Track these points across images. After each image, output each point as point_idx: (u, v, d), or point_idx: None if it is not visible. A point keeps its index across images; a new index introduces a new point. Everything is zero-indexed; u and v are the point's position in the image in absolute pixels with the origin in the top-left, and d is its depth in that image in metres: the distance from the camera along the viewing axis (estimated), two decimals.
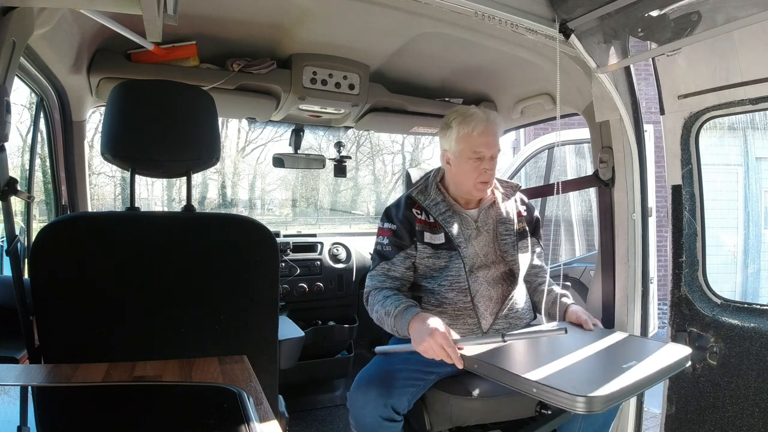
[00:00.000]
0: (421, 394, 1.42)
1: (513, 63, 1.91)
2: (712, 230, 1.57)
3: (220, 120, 1.50)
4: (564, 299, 1.57)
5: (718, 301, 1.49)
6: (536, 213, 1.75)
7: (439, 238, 1.55)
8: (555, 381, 1.08)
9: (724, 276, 5.03)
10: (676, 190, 1.54)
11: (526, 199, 1.74)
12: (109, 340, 1.05)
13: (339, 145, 2.48)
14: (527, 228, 1.65)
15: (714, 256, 1.66)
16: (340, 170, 2.50)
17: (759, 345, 1.36)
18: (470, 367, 1.24)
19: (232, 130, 6.21)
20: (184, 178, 1.19)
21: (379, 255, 1.57)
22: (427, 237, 1.55)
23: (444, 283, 1.52)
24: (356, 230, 3.40)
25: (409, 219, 1.56)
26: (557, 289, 1.60)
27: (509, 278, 1.57)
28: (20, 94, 1.86)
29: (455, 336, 1.30)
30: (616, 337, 1.40)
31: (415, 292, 1.59)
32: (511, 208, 1.64)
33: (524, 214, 1.67)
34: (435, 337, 1.25)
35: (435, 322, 1.30)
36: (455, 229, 1.55)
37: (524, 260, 1.60)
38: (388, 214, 1.61)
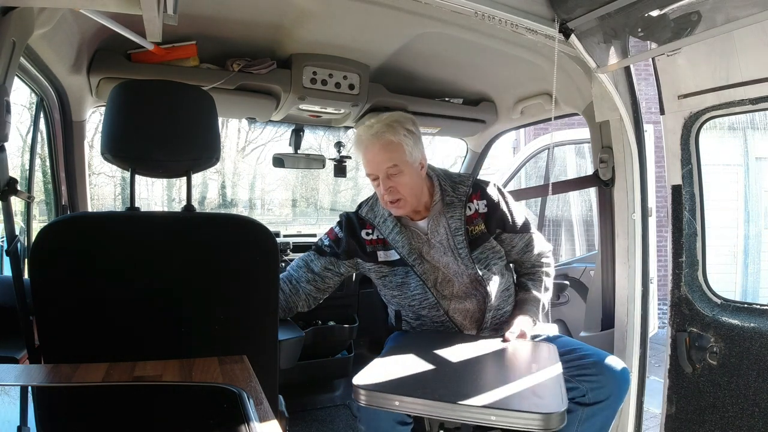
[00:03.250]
0: None
1: (513, 63, 1.91)
2: (712, 230, 1.57)
3: (220, 120, 1.50)
4: (524, 307, 1.50)
5: (718, 301, 1.49)
6: (505, 201, 1.55)
7: (393, 255, 1.52)
8: (511, 402, 0.98)
9: (724, 276, 5.03)
10: (676, 190, 1.54)
11: (489, 189, 1.55)
12: (109, 340, 1.04)
13: (339, 145, 2.48)
14: (486, 228, 1.51)
15: (714, 256, 1.66)
16: (340, 170, 2.50)
17: (759, 345, 1.36)
18: (389, 406, 1.02)
19: (232, 130, 6.20)
20: (184, 178, 1.19)
21: (315, 246, 1.60)
22: (381, 256, 1.53)
23: (414, 302, 1.51)
24: None
25: (358, 241, 1.55)
26: (526, 294, 1.53)
27: (479, 288, 1.49)
28: (20, 94, 1.86)
29: None
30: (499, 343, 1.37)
31: (394, 307, 1.58)
32: (461, 211, 1.51)
33: (483, 211, 1.52)
34: None
35: None
36: (405, 246, 1.50)
37: (488, 266, 1.50)
38: (341, 225, 1.59)
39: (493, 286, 1.49)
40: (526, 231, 1.57)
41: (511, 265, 1.62)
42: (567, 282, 2.60)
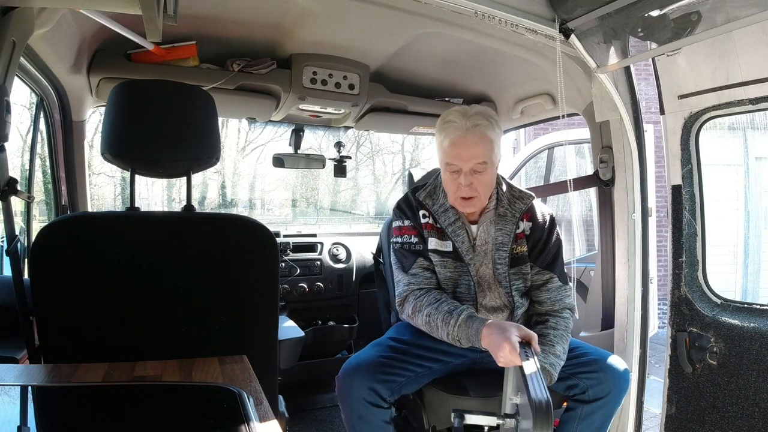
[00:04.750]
0: (415, 388, 1.41)
1: (513, 63, 1.91)
2: (712, 230, 1.57)
3: (220, 120, 1.50)
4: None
5: (718, 301, 1.49)
6: (550, 233, 1.48)
7: (447, 246, 1.44)
8: None
9: (724, 276, 5.02)
10: (676, 190, 1.54)
11: (540, 215, 1.51)
12: (109, 340, 1.04)
13: (339, 145, 2.48)
14: (526, 251, 1.46)
15: (714, 256, 1.65)
16: (340, 170, 2.50)
17: (759, 345, 1.35)
18: None
19: (232, 130, 6.20)
20: (184, 178, 1.19)
21: (411, 253, 1.45)
22: (433, 243, 1.45)
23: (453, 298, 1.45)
24: (356, 230, 3.40)
25: (420, 223, 1.47)
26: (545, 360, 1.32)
27: (508, 308, 1.46)
28: (20, 94, 1.86)
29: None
30: None
31: None
32: (512, 228, 1.46)
33: (527, 233, 1.47)
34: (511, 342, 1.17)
35: (513, 330, 1.21)
36: (465, 242, 1.44)
37: (518, 288, 1.46)
38: (404, 213, 1.50)
39: (520, 308, 1.46)
40: (551, 270, 1.47)
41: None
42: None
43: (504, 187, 1.50)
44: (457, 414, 1.20)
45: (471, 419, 1.21)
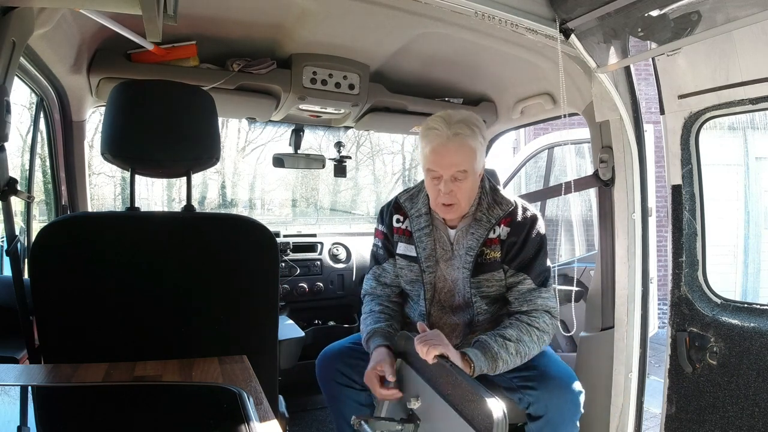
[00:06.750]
0: None
1: (513, 63, 1.91)
2: (712, 230, 1.57)
3: (220, 120, 1.50)
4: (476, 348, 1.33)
5: (718, 301, 1.49)
6: (527, 236, 1.43)
7: (413, 251, 1.48)
8: None
9: (724, 276, 5.02)
10: (676, 190, 1.54)
11: (521, 219, 1.46)
12: (109, 340, 1.05)
13: (339, 145, 2.48)
14: (499, 258, 1.43)
15: (714, 256, 1.65)
16: (340, 170, 2.51)
17: (759, 345, 1.35)
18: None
19: (232, 130, 6.19)
20: (184, 178, 1.19)
21: (374, 257, 1.60)
22: (401, 248, 1.50)
23: (414, 301, 1.54)
24: (356, 230, 3.40)
25: (390, 228, 1.54)
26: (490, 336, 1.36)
27: (468, 310, 1.46)
28: (20, 94, 1.86)
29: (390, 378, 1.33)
30: None
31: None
32: (484, 233, 1.43)
33: (503, 238, 1.43)
34: (369, 371, 1.36)
35: (376, 358, 1.37)
36: (428, 249, 1.46)
37: (487, 295, 1.44)
38: (381, 215, 1.58)
39: (482, 315, 1.46)
40: (525, 272, 1.43)
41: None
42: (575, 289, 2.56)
43: (488, 192, 1.49)
44: (358, 420, 1.23)
45: (373, 425, 1.24)
